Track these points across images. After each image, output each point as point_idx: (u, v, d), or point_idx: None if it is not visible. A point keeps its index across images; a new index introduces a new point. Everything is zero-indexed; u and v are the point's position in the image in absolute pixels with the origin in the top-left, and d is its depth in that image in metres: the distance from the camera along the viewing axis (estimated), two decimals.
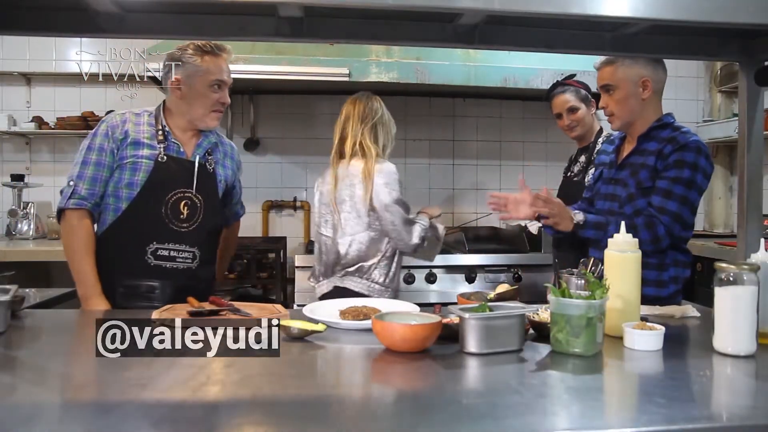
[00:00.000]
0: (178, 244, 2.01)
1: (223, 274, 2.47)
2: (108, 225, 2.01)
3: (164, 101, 2.12)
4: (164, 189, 2.01)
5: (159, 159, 2.01)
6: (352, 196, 2.35)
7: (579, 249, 2.19)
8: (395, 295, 2.42)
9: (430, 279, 3.28)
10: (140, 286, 1.98)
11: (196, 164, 2.07)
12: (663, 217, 1.89)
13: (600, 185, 2.17)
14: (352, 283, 2.35)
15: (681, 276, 1.99)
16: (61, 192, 2.01)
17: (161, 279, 1.99)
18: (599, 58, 2.06)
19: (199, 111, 2.05)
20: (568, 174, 2.87)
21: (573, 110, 2.75)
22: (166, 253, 2.00)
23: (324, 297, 2.35)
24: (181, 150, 2.06)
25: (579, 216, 1.95)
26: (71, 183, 1.99)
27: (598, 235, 1.94)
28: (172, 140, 2.06)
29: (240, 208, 2.39)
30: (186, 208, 2.02)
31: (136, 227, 1.99)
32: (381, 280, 2.36)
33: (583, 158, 2.75)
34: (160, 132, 2.04)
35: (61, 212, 2.00)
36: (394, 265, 2.40)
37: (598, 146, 2.60)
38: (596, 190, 2.19)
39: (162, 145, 2.02)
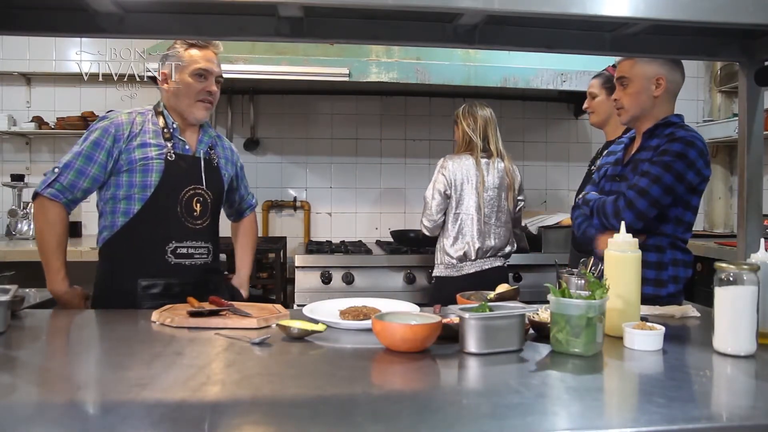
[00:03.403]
0: (195, 240, 2.05)
1: (250, 269, 2.43)
2: (120, 227, 2.00)
3: (161, 99, 2.12)
4: (178, 187, 2.02)
5: (168, 157, 2.01)
6: (501, 189, 2.97)
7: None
8: None
9: (431, 279, 3.28)
10: (161, 284, 2.00)
11: (202, 160, 2.09)
12: (629, 191, 1.92)
13: (604, 183, 2.17)
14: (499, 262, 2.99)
15: (681, 276, 1.98)
16: (45, 174, 1.99)
17: (181, 276, 2.02)
18: None
19: (185, 101, 2.05)
20: (591, 168, 2.83)
21: (592, 95, 2.73)
22: (184, 250, 2.03)
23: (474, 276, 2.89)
24: (186, 147, 2.08)
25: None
26: (56, 170, 1.96)
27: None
28: (178, 137, 2.07)
29: (251, 198, 2.42)
30: (198, 204, 2.05)
31: (154, 227, 2.00)
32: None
33: None
34: (166, 130, 2.05)
35: (36, 196, 1.97)
36: None
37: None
38: (601, 188, 2.20)
39: (169, 143, 2.03)
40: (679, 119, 2.03)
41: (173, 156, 2.02)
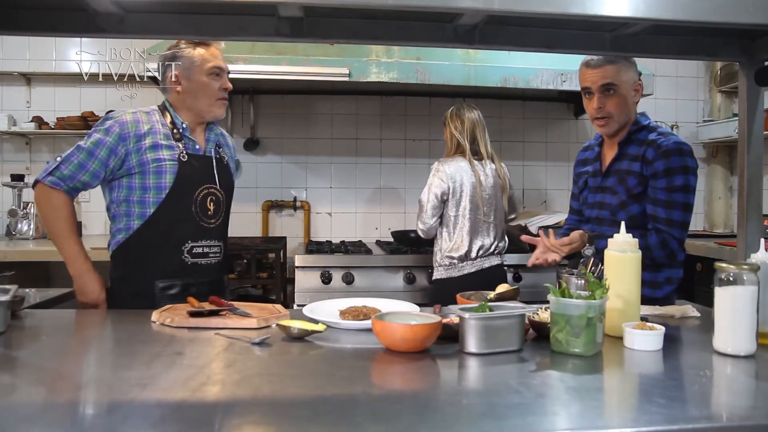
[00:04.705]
0: (209, 240, 2.07)
1: None
2: (135, 230, 2.01)
3: (165, 100, 2.11)
4: (192, 187, 2.03)
5: (181, 158, 2.02)
6: (495, 189, 2.99)
7: None
8: None
9: (431, 278, 3.27)
10: (179, 285, 2.01)
11: (213, 159, 2.10)
12: (674, 230, 1.91)
13: (587, 194, 2.15)
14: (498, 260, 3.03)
15: (675, 276, 1.99)
16: (47, 163, 2.00)
17: (197, 276, 2.04)
18: (591, 56, 2.01)
19: (205, 101, 2.06)
20: None
21: None
22: (200, 250, 2.04)
23: (475, 275, 2.90)
24: (197, 147, 2.08)
25: (588, 252, 1.92)
26: (58, 159, 1.98)
27: None
28: (188, 137, 2.07)
29: None
30: (212, 203, 2.06)
31: (170, 228, 2.01)
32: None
33: None
34: (176, 130, 2.05)
35: (36, 183, 1.98)
36: None
37: None
38: (583, 199, 2.18)
39: (181, 144, 2.03)
40: (646, 119, 2.03)
41: (186, 156, 2.03)
